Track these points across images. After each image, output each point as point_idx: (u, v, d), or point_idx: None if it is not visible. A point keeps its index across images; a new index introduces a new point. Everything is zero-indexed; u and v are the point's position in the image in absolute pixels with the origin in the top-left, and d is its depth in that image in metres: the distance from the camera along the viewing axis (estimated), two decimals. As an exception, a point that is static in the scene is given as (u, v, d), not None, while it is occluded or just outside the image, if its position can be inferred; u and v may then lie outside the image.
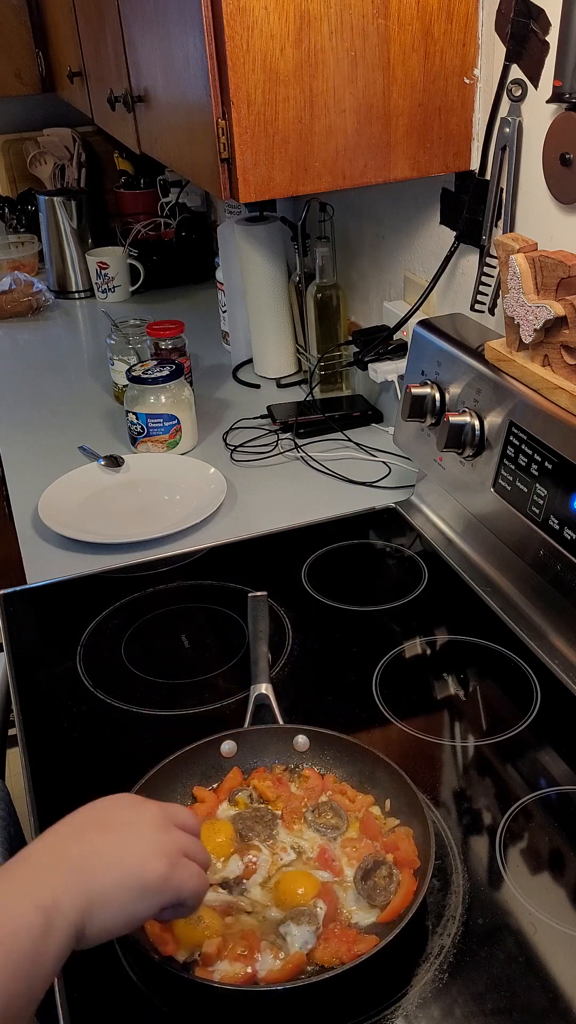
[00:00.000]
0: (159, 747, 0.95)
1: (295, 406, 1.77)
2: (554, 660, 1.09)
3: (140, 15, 1.43)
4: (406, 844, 0.84)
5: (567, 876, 0.85)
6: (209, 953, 0.76)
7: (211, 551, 1.38)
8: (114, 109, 1.70)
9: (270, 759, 0.96)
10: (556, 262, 1.03)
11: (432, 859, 0.81)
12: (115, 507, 1.51)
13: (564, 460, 1.04)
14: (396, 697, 1.07)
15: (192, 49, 1.19)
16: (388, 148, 1.24)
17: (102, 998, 0.78)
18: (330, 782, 0.92)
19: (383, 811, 0.90)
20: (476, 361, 1.21)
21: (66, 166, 2.81)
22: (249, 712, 1.03)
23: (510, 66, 1.17)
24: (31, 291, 2.47)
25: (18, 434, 1.81)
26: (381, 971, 0.76)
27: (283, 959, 0.76)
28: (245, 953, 0.77)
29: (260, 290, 1.86)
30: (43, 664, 1.17)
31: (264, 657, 1.09)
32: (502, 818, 0.91)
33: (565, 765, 0.97)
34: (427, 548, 1.35)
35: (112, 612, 1.25)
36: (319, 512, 1.45)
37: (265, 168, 1.19)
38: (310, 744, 0.95)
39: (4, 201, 2.88)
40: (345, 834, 0.88)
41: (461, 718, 1.05)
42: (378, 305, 1.71)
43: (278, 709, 1.03)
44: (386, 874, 0.82)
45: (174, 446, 1.65)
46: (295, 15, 1.12)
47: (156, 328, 1.81)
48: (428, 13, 1.18)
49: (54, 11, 2.23)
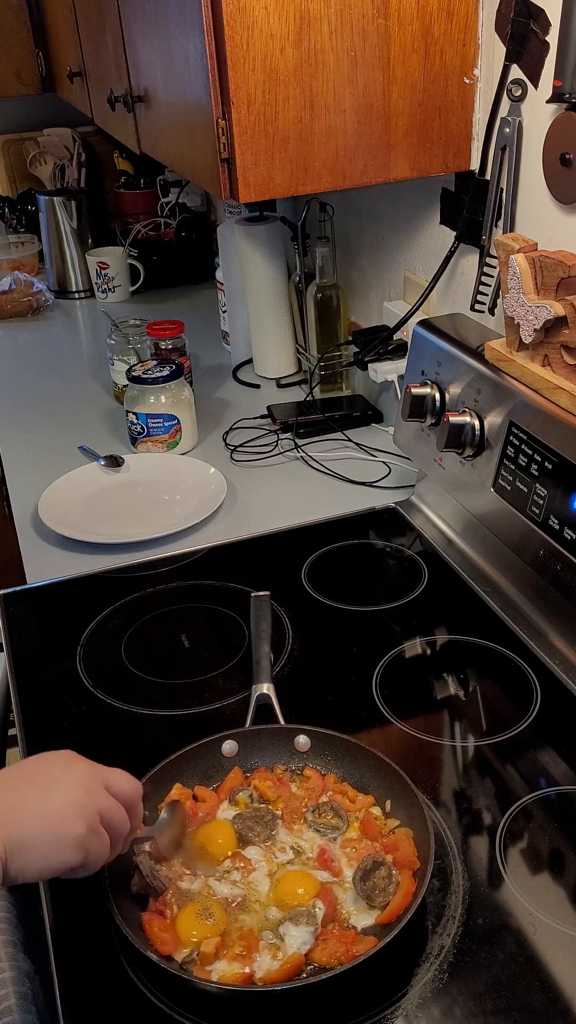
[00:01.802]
0: (159, 747, 0.95)
1: (295, 406, 1.77)
2: (554, 660, 1.09)
3: (140, 15, 1.43)
4: (406, 845, 0.84)
5: (567, 876, 0.85)
6: (207, 952, 0.76)
7: (211, 551, 1.38)
8: (114, 109, 1.70)
9: (271, 759, 0.96)
10: (556, 262, 1.03)
11: (432, 861, 0.81)
12: (115, 507, 1.51)
13: (564, 460, 1.04)
14: (396, 697, 1.07)
15: (192, 49, 1.19)
16: (388, 148, 1.24)
17: (101, 998, 0.78)
18: (331, 782, 0.92)
19: (383, 812, 0.90)
20: (476, 361, 1.21)
21: (66, 166, 2.81)
22: (251, 712, 1.03)
23: (510, 66, 1.17)
24: (31, 291, 2.47)
25: (18, 434, 1.81)
26: (381, 971, 0.76)
27: (281, 959, 0.76)
28: (243, 953, 0.77)
29: (260, 290, 1.86)
30: (43, 664, 1.17)
31: (266, 657, 1.09)
32: (502, 818, 0.91)
33: (565, 765, 0.97)
34: (427, 548, 1.35)
35: (112, 612, 1.25)
36: (319, 512, 1.45)
37: (265, 168, 1.19)
38: (311, 744, 0.95)
39: (4, 201, 2.88)
40: (345, 835, 0.88)
41: (461, 718, 1.05)
42: (378, 305, 1.71)
43: (279, 709, 1.03)
44: (385, 875, 0.82)
45: (174, 446, 1.65)
46: (295, 15, 1.12)
47: (156, 328, 1.81)
48: (428, 13, 1.18)
49: (54, 11, 2.23)
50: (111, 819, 0.75)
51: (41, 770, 0.76)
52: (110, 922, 0.78)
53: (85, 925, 0.83)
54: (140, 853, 0.83)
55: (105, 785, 0.76)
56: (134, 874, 0.83)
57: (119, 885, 0.81)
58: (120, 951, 0.80)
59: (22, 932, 0.90)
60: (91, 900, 0.82)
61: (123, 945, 0.79)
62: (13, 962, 0.84)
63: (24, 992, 0.82)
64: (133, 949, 0.76)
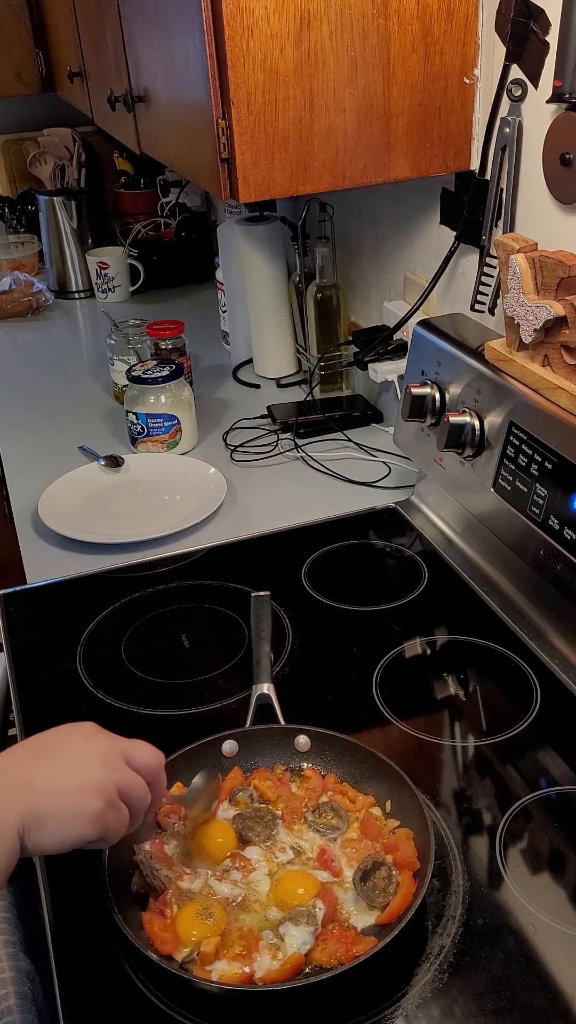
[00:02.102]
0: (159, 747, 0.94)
1: (295, 406, 1.77)
2: (554, 660, 1.09)
3: (140, 15, 1.43)
4: (406, 845, 0.84)
5: (567, 876, 0.85)
6: (207, 952, 0.76)
7: (211, 551, 1.38)
8: (114, 109, 1.70)
9: (271, 759, 0.96)
10: (556, 262, 1.03)
11: (432, 861, 0.81)
12: (115, 507, 1.51)
13: (564, 460, 1.04)
14: (396, 697, 1.07)
15: (192, 49, 1.19)
16: (388, 148, 1.24)
17: (101, 998, 0.78)
18: (331, 782, 0.92)
19: (384, 812, 0.90)
20: (476, 361, 1.21)
21: (66, 166, 2.81)
22: (251, 712, 1.03)
23: (510, 66, 1.17)
24: (31, 291, 2.47)
25: (18, 434, 1.81)
26: (381, 971, 0.76)
27: (281, 959, 0.76)
28: (243, 953, 0.77)
29: (260, 290, 1.86)
30: (43, 664, 1.17)
31: (266, 657, 1.09)
32: (502, 818, 0.91)
33: (565, 765, 0.97)
34: (427, 548, 1.35)
35: (112, 612, 1.25)
36: (319, 512, 1.45)
37: (265, 168, 1.19)
38: (311, 744, 0.95)
39: (4, 201, 2.88)
40: (345, 835, 0.88)
41: (461, 718, 1.05)
42: (378, 305, 1.72)
43: (280, 709, 1.03)
44: (385, 875, 0.82)
45: (174, 446, 1.65)
46: (295, 15, 1.12)
47: (156, 328, 1.81)
48: (428, 13, 1.18)
49: (54, 11, 2.23)
50: (131, 793, 0.75)
51: (62, 742, 0.76)
52: (110, 922, 0.78)
53: (85, 925, 0.83)
54: (140, 852, 0.83)
55: (126, 758, 0.76)
56: (134, 873, 0.83)
57: (119, 885, 0.81)
58: (120, 951, 0.80)
59: (22, 932, 0.90)
60: (91, 900, 0.82)
61: (123, 945, 0.79)
62: (13, 962, 0.85)
63: (24, 992, 0.83)
64: (133, 949, 0.76)
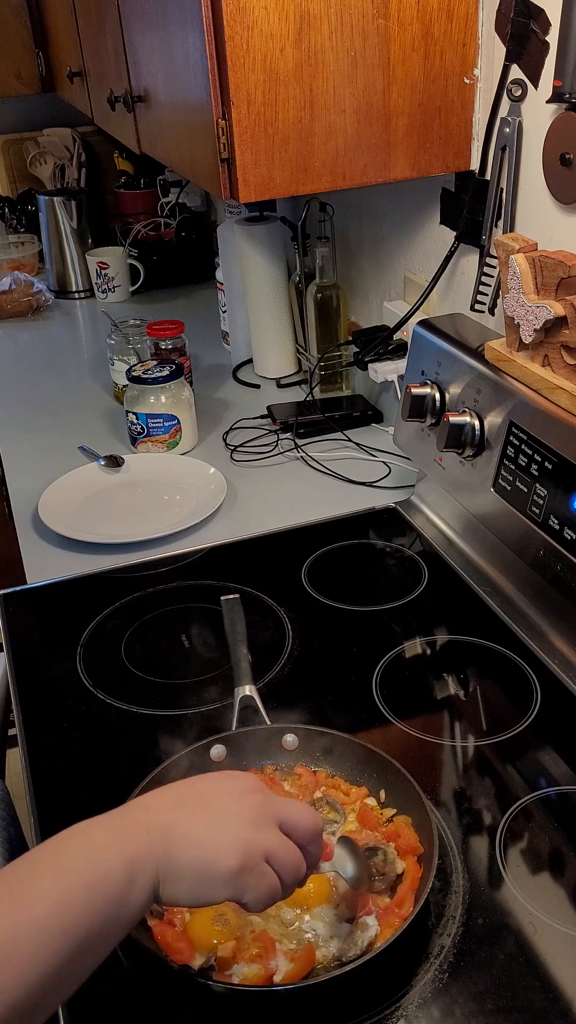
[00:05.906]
0: (159, 747, 0.95)
1: (295, 406, 1.77)
2: (554, 660, 1.09)
3: (140, 15, 1.43)
4: (407, 832, 0.84)
5: (567, 876, 0.85)
6: (225, 957, 0.76)
7: (211, 551, 1.38)
8: (114, 109, 1.70)
9: (260, 760, 0.95)
10: (556, 262, 1.03)
11: (436, 843, 0.81)
12: (115, 507, 1.51)
13: (564, 460, 1.04)
14: (396, 697, 1.07)
15: (192, 49, 1.19)
16: (388, 148, 1.24)
17: (101, 998, 0.78)
18: (322, 777, 0.93)
19: (379, 802, 0.90)
20: (476, 361, 1.21)
21: (66, 166, 2.81)
22: (235, 715, 1.02)
23: (510, 66, 1.17)
24: (31, 291, 2.47)
25: (18, 434, 1.81)
26: (381, 971, 0.76)
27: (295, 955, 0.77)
28: (260, 953, 0.77)
29: (260, 290, 1.86)
30: (43, 664, 1.17)
31: (245, 659, 1.07)
32: (502, 818, 0.91)
33: (565, 765, 0.97)
34: (427, 548, 1.35)
35: (112, 612, 1.25)
36: (319, 512, 1.45)
37: (265, 168, 1.19)
38: (299, 742, 0.95)
39: (4, 201, 2.88)
40: (344, 827, 0.88)
41: (461, 718, 1.05)
42: (378, 305, 1.71)
43: (264, 710, 1.02)
44: (382, 859, 0.82)
45: (174, 446, 1.65)
46: (295, 15, 1.12)
47: (156, 328, 1.81)
48: (428, 13, 1.18)
49: (54, 11, 2.23)
50: (280, 859, 0.70)
51: (216, 795, 0.72)
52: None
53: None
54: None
55: (279, 821, 0.72)
56: None
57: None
58: (120, 950, 0.80)
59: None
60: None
61: (123, 944, 0.79)
62: None
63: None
64: (133, 948, 0.76)
